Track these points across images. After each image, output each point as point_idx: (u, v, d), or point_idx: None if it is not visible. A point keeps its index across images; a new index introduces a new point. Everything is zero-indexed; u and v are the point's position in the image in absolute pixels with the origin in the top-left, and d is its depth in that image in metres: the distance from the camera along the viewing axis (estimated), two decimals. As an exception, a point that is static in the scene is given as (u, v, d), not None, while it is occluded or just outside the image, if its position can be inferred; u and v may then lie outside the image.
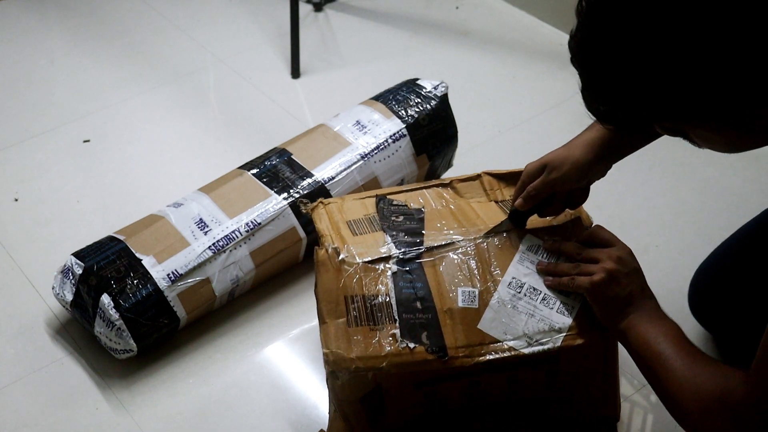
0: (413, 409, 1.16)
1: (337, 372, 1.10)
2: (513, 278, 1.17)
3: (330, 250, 1.18)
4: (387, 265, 1.17)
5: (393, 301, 1.13)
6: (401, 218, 1.26)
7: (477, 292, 1.15)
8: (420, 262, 1.18)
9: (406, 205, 1.29)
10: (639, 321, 1.06)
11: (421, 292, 1.15)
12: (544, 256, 1.19)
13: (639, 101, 0.81)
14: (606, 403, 1.26)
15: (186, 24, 2.33)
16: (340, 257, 1.18)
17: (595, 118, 0.89)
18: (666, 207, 1.75)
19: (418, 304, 1.14)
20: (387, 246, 1.20)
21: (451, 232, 1.22)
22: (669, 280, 1.46)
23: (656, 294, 1.12)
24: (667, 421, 1.34)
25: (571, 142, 1.17)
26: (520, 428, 1.23)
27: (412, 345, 1.09)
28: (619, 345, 1.17)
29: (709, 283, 1.39)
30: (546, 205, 1.20)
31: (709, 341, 1.44)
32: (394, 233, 1.23)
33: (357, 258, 1.18)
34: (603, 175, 1.19)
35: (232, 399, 1.40)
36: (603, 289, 1.09)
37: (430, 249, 1.19)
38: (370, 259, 1.18)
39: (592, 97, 0.86)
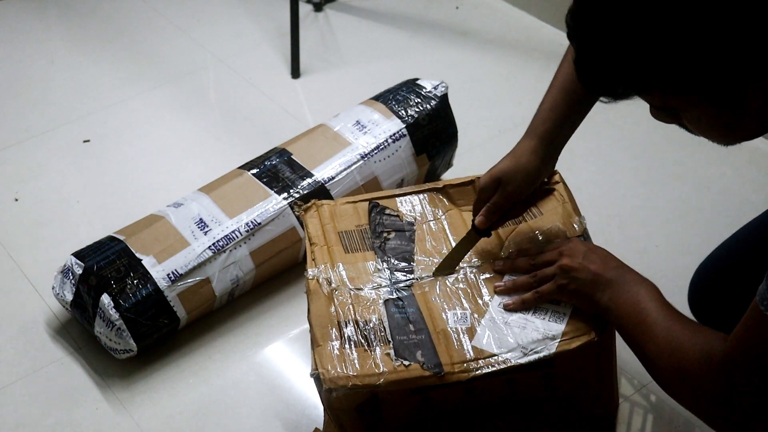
0: (410, 413, 1.16)
1: (333, 389, 1.10)
2: (504, 298, 1.19)
3: (321, 280, 1.20)
4: (379, 293, 1.19)
5: (386, 326, 1.15)
6: (393, 235, 1.28)
7: (468, 314, 1.17)
8: (411, 290, 1.20)
9: (398, 217, 1.30)
10: (617, 295, 1.08)
11: (414, 316, 1.17)
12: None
13: (629, 69, 0.83)
14: (603, 402, 1.27)
15: (186, 24, 2.33)
16: (332, 286, 1.20)
17: (587, 89, 0.90)
18: (666, 207, 1.75)
19: (411, 327, 1.15)
20: (378, 273, 1.22)
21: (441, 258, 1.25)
22: (669, 280, 1.45)
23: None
24: (667, 421, 1.35)
25: (515, 151, 1.23)
26: (517, 428, 1.23)
27: (407, 363, 1.10)
28: (618, 346, 1.17)
29: (709, 283, 1.38)
30: (506, 215, 1.25)
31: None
32: (386, 257, 1.25)
33: (349, 284, 1.21)
34: (552, 169, 1.28)
35: (232, 399, 1.40)
36: (568, 283, 1.13)
37: (420, 278, 1.22)
38: (361, 287, 1.21)
39: (584, 66, 0.88)
